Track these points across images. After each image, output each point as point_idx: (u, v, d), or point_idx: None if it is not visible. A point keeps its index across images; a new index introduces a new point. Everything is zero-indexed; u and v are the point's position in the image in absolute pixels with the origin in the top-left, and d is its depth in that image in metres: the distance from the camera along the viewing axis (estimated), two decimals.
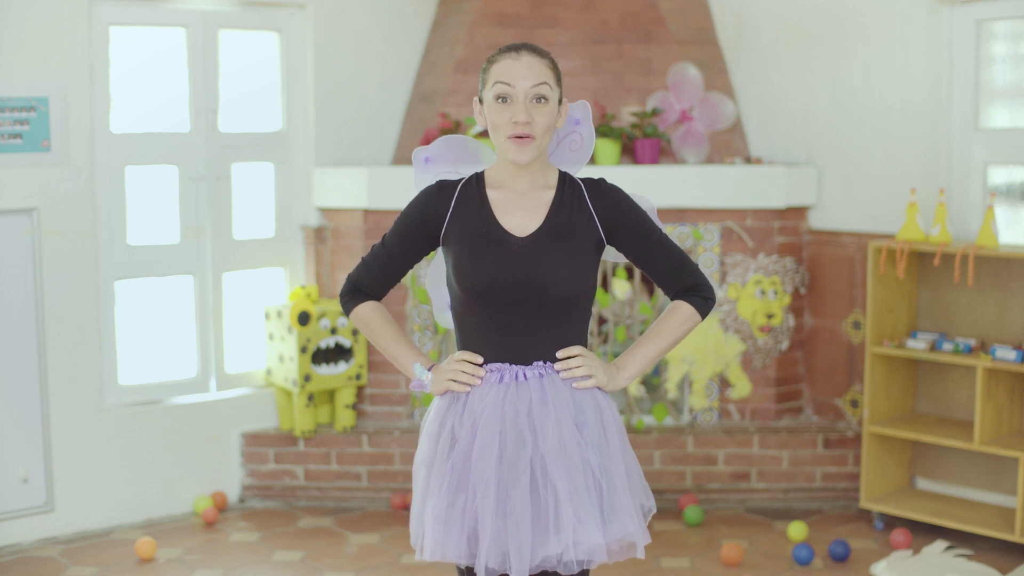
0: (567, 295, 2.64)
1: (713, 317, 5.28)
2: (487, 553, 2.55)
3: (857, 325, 5.27)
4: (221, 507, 5.20)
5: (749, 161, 5.42)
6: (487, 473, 2.57)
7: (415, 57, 5.76)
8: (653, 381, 5.48)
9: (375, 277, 2.79)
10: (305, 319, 5.13)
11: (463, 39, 5.54)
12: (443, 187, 2.71)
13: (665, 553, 4.66)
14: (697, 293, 2.76)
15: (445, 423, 2.68)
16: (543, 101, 2.60)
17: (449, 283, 2.70)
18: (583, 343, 2.71)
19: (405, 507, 5.15)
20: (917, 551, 4.65)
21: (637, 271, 5.22)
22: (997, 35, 4.93)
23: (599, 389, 2.69)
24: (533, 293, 2.61)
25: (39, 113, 4.71)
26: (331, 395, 5.39)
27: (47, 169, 4.77)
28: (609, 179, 2.77)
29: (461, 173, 2.80)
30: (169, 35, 5.17)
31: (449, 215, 2.68)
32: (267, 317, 5.38)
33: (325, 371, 5.23)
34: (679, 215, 5.24)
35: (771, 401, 5.39)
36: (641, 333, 5.31)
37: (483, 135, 5.07)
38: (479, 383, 2.65)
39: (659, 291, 5.25)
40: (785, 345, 5.37)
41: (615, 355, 5.32)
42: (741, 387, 5.34)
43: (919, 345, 4.84)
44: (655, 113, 5.35)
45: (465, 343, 2.71)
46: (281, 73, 5.48)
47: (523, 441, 2.59)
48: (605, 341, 5.36)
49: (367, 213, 5.31)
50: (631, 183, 2.91)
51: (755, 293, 5.29)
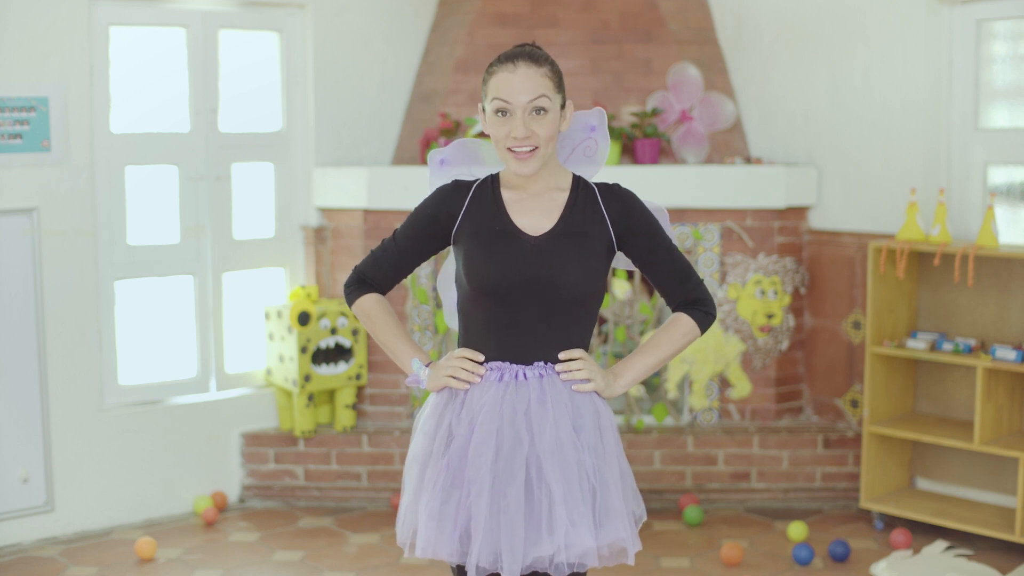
0: (576, 296, 2.64)
1: None
2: (479, 551, 2.55)
3: (857, 325, 5.27)
4: (221, 507, 5.20)
5: (749, 161, 5.42)
6: (482, 471, 2.57)
7: (415, 57, 5.76)
8: (653, 381, 5.48)
9: (383, 270, 2.79)
10: (305, 319, 5.13)
11: (463, 39, 5.54)
12: (458, 186, 2.73)
13: (665, 553, 4.66)
14: (699, 307, 2.76)
15: (443, 420, 2.68)
16: (542, 113, 2.61)
17: (458, 280, 2.71)
18: (586, 347, 2.71)
19: None
20: (917, 551, 4.65)
21: (637, 271, 5.21)
22: (997, 35, 4.93)
23: (597, 394, 2.69)
24: (543, 292, 2.62)
25: (39, 113, 4.71)
26: (331, 395, 5.39)
27: (47, 169, 4.77)
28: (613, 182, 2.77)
29: (475, 175, 2.81)
30: (169, 35, 5.17)
31: (462, 213, 2.69)
32: (267, 317, 5.38)
33: (325, 371, 5.23)
34: (679, 215, 5.24)
35: (771, 401, 5.39)
36: (641, 333, 5.32)
37: (484, 135, 5.07)
38: (479, 381, 2.65)
39: (657, 292, 5.25)
40: (785, 345, 5.37)
41: (615, 355, 5.32)
42: (741, 387, 5.34)
43: (919, 345, 4.83)
44: (655, 113, 5.35)
45: (468, 340, 2.71)
46: (281, 73, 5.48)
47: (519, 440, 2.59)
48: (605, 341, 5.36)
49: (367, 213, 5.31)
50: (631, 183, 2.90)
51: (755, 293, 5.29)
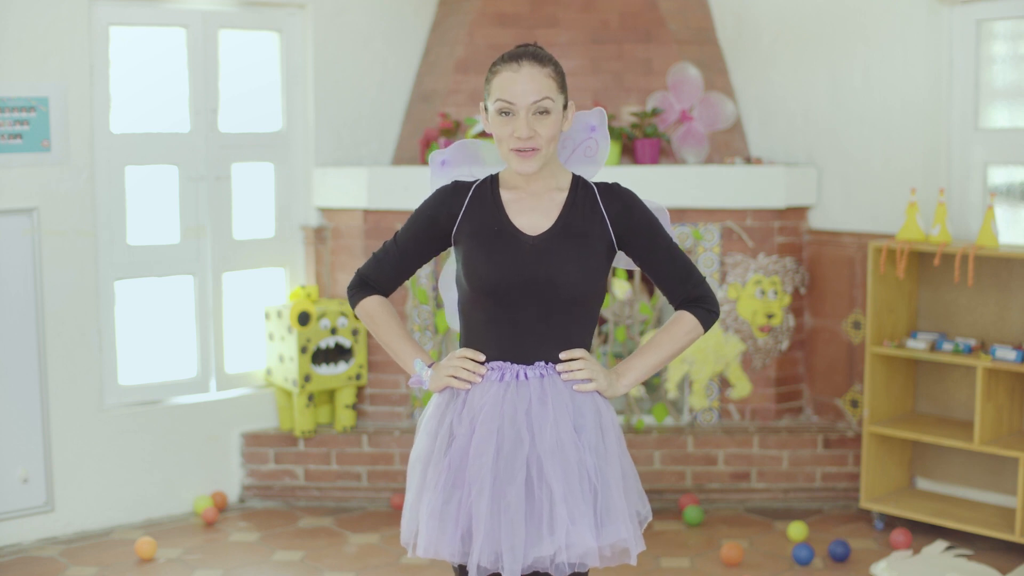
0: (575, 296, 2.64)
1: None
2: (480, 551, 2.56)
3: (857, 325, 5.27)
4: (221, 507, 5.20)
5: (749, 161, 5.42)
6: (483, 471, 2.58)
7: (415, 57, 5.76)
8: (653, 381, 5.48)
9: (385, 272, 2.80)
10: (305, 319, 5.13)
11: (463, 39, 5.54)
12: (458, 187, 2.73)
13: (665, 553, 4.66)
14: (701, 305, 2.75)
15: (444, 420, 2.69)
16: (545, 113, 2.61)
17: (458, 280, 2.71)
18: (587, 347, 2.71)
19: None
20: (917, 551, 4.65)
21: (637, 271, 5.22)
22: (997, 35, 4.93)
23: (598, 393, 2.69)
24: (542, 292, 2.62)
25: (39, 113, 4.71)
26: (331, 395, 5.39)
27: (47, 169, 4.77)
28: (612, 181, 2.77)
29: (476, 176, 2.82)
30: (169, 35, 5.17)
31: (462, 214, 2.70)
32: (267, 317, 5.38)
33: (325, 371, 5.23)
34: (679, 215, 5.24)
35: (771, 401, 5.39)
36: (641, 333, 5.32)
37: (485, 135, 5.07)
38: (480, 381, 2.65)
39: (659, 291, 5.25)
40: (785, 345, 5.37)
41: (615, 355, 5.32)
42: (741, 387, 5.34)
43: (919, 345, 4.83)
44: (655, 113, 5.35)
45: (469, 340, 2.71)
46: (281, 73, 5.48)
47: (520, 440, 2.59)
48: (605, 341, 5.36)
49: (367, 213, 5.31)
50: (631, 183, 2.90)
51: (755, 293, 5.29)
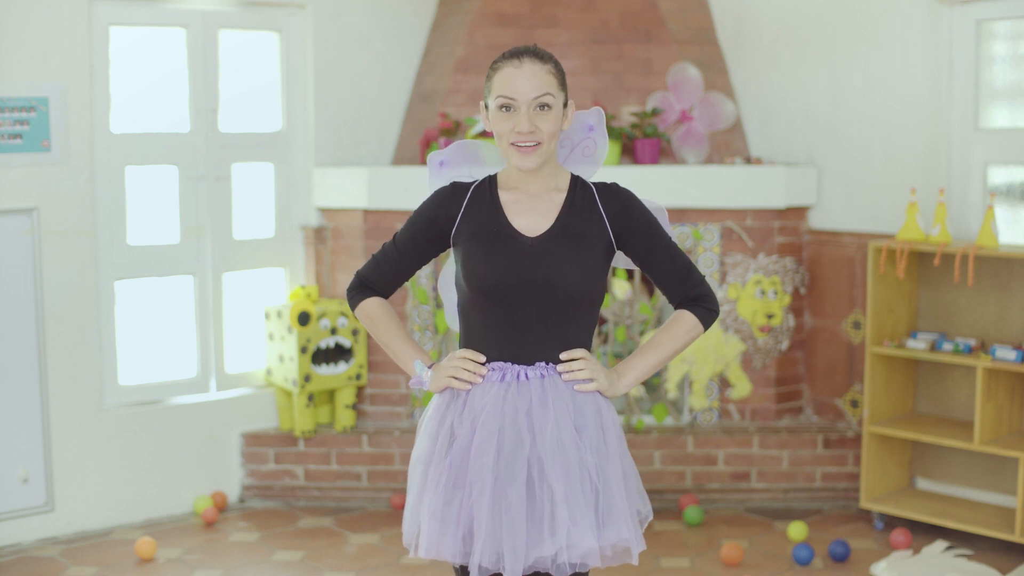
0: (574, 296, 2.64)
1: None
2: (481, 551, 2.56)
3: (857, 325, 5.27)
4: (221, 507, 5.20)
5: (749, 161, 5.42)
6: (484, 471, 2.57)
7: (415, 57, 5.76)
8: (653, 381, 5.48)
9: (384, 274, 2.81)
10: (305, 319, 5.13)
11: (463, 39, 5.54)
12: (456, 188, 2.73)
13: (665, 553, 4.66)
14: (701, 304, 2.75)
15: (444, 420, 2.69)
16: (546, 109, 2.61)
17: (458, 281, 2.71)
18: (587, 347, 2.71)
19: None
20: (917, 551, 4.65)
21: (637, 271, 5.22)
22: (997, 35, 4.93)
23: (599, 393, 2.69)
24: (541, 292, 2.62)
25: (39, 113, 4.71)
26: (331, 395, 5.39)
27: (47, 169, 4.77)
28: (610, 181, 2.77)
29: (475, 177, 2.81)
30: (169, 35, 5.17)
31: (460, 215, 2.69)
32: (267, 317, 5.38)
33: (325, 371, 5.23)
34: (679, 215, 5.24)
35: (771, 401, 5.39)
36: (641, 333, 5.32)
37: (484, 135, 5.07)
38: (480, 381, 2.65)
39: (659, 291, 5.24)
40: (785, 345, 5.37)
41: (615, 355, 5.32)
42: (741, 387, 5.34)
43: (919, 345, 4.83)
44: (655, 113, 5.35)
45: (469, 341, 2.71)
46: (281, 73, 5.48)
47: (521, 441, 2.59)
48: (605, 341, 5.36)
49: (367, 213, 5.31)
50: (631, 183, 2.90)
51: (755, 293, 5.29)
